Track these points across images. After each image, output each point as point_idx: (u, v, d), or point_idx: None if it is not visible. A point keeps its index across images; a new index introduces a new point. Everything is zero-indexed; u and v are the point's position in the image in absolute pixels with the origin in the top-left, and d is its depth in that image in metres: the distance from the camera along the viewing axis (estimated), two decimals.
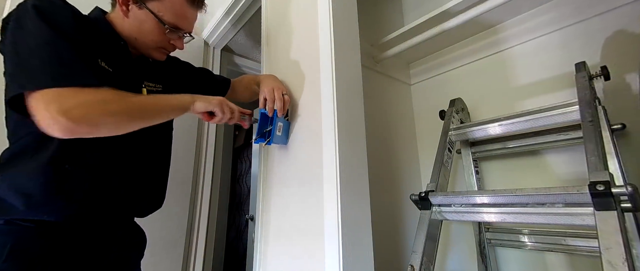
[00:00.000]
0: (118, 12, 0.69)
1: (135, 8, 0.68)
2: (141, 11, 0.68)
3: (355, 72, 0.81)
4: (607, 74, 0.83)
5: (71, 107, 0.51)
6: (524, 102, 1.10)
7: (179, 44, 0.76)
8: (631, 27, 0.90)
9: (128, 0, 0.67)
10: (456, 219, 0.86)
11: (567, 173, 0.98)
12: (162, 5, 0.68)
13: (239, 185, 3.14)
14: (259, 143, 0.83)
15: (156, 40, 0.72)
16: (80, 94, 0.53)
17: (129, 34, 0.70)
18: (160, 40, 0.72)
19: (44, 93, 0.51)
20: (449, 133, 1.04)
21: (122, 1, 0.67)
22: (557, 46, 1.04)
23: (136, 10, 0.68)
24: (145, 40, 0.71)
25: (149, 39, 0.71)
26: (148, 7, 0.68)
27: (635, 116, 0.85)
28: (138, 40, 0.71)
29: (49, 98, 0.51)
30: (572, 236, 0.89)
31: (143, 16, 0.68)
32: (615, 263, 0.50)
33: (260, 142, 0.83)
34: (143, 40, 0.71)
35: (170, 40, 0.74)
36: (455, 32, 1.16)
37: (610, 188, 0.55)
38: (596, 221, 0.55)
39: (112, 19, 0.71)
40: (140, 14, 0.68)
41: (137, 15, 0.68)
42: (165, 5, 0.69)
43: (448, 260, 1.22)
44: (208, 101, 0.70)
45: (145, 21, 0.69)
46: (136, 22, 0.69)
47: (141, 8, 0.68)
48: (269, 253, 0.86)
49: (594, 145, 0.64)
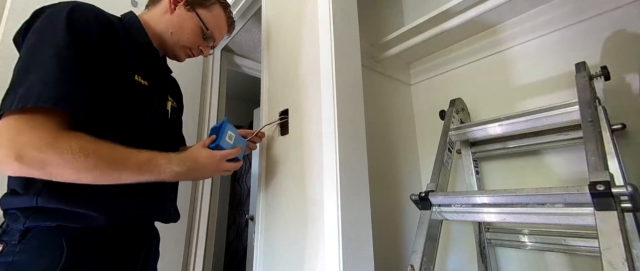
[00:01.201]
0: (160, 8, 0.75)
1: (184, 9, 0.74)
2: (189, 13, 0.75)
3: (356, 72, 0.81)
4: (607, 74, 0.83)
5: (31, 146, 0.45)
6: (524, 102, 1.10)
7: (206, 51, 0.81)
8: (631, 27, 0.90)
9: (179, 1, 0.74)
10: (456, 219, 0.86)
11: (567, 173, 0.98)
12: (210, 14, 0.77)
13: (239, 185, 3.14)
14: None
15: (191, 40, 0.77)
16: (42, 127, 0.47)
17: (165, 27, 0.74)
18: (194, 42, 0.77)
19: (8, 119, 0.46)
20: (449, 133, 1.04)
21: (174, 0, 0.73)
22: (557, 46, 1.04)
23: (184, 10, 0.75)
24: (181, 37, 0.75)
25: (184, 36, 0.75)
26: (196, 12, 0.75)
27: (635, 116, 0.85)
28: (173, 35, 0.75)
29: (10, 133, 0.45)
30: (572, 236, 0.89)
31: (188, 17, 0.75)
32: (615, 263, 0.50)
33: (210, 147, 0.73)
34: (178, 36, 0.75)
35: (200, 46, 0.79)
36: (455, 32, 1.16)
37: (610, 188, 0.55)
38: (596, 221, 0.55)
39: (147, 20, 0.74)
40: (187, 14, 0.75)
41: (182, 14, 0.74)
42: (211, 15, 0.78)
43: (448, 260, 1.22)
44: (205, 172, 0.67)
45: (189, 21, 0.75)
46: (178, 20, 0.74)
47: (189, 11, 0.75)
48: (269, 253, 0.86)
49: (594, 145, 0.64)
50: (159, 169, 0.58)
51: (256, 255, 0.90)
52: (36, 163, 0.46)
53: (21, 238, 0.51)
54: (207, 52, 0.81)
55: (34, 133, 0.46)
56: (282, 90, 0.93)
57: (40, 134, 0.46)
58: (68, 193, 0.53)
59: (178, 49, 0.77)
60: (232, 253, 2.98)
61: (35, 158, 0.46)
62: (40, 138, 0.46)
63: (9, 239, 0.52)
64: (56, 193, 0.52)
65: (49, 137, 0.47)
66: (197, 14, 0.75)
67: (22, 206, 0.52)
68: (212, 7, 0.78)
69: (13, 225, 0.53)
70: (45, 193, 0.52)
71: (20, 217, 0.52)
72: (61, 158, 0.47)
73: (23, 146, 0.45)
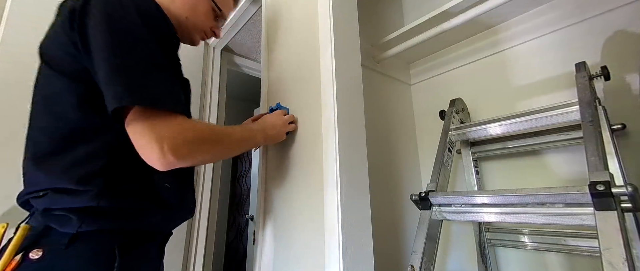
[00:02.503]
0: None
1: None
2: None
3: (356, 72, 0.81)
4: (607, 74, 0.83)
5: (179, 144, 0.49)
6: (524, 102, 1.10)
7: (218, 32, 0.80)
8: (631, 28, 0.90)
9: None
10: (456, 219, 0.86)
11: (567, 173, 0.98)
12: None
13: (239, 185, 3.14)
14: None
15: (206, 22, 0.75)
16: (185, 127, 0.51)
17: (179, 13, 0.69)
18: (209, 24, 0.76)
19: (151, 116, 0.48)
20: (449, 133, 1.04)
21: None
22: (557, 46, 1.04)
23: None
24: (197, 21, 0.73)
25: (200, 20, 0.73)
26: None
27: (635, 116, 0.85)
28: (189, 20, 0.71)
29: (159, 128, 0.48)
30: (572, 236, 0.89)
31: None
32: (615, 263, 0.50)
33: None
34: (194, 20, 0.72)
35: (213, 27, 0.77)
36: (455, 32, 1.16)
37: (610, 188, 0.55)
38: (596, 221, 0.55)
39: (163, 2, 0.66)
40: None
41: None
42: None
43: (448, 260, 1.22)
44: (279, 134, 0.78)
45: (201, 3, 0.72)
46: (191, 3, 0.71)
47: None
48: (270, 253, 0.86)
49: (594, 145, 0.64)
50: (253, 140, 0.71)
51: (256, 255, 0.90)
52: (186, 156, 0.51)
53: (69, 243, 0.46)
54: (220, 32, 0.80)
55: (174, 130, 0.50)
56: (283, 90, 0.93)
57: (179, 130, 0.51)
58: (127, 190, 0.53)
59: (194, 32, 0.74)
60: (232, 253, 2.98)
61: (186, 150, 0.51)
62: (180, 134, 0.50)
63: (52, 244, 0.47)
64: (117, 191, 0.51)
65: (187, 132, 0.52)
66: None
67: (76, 207, 0.48)
68: None
69: (61, 228, 0.47)
70: (107, 192, 0.49)
71: (72, 219, 0.47)
72: (203, 147, 0.55)
73: (172, 140, 0.49)
